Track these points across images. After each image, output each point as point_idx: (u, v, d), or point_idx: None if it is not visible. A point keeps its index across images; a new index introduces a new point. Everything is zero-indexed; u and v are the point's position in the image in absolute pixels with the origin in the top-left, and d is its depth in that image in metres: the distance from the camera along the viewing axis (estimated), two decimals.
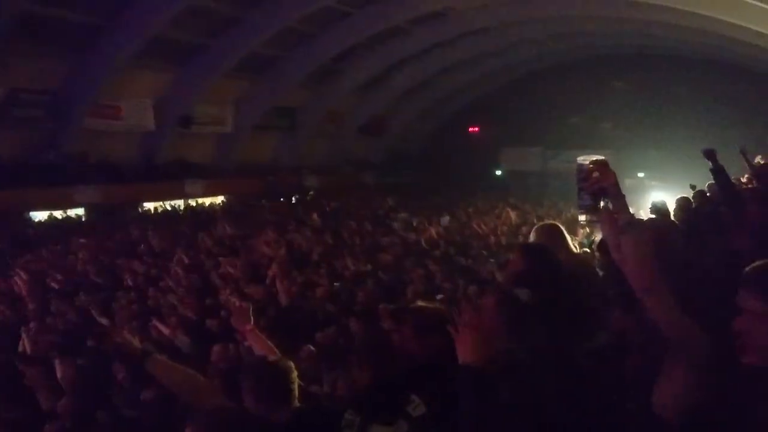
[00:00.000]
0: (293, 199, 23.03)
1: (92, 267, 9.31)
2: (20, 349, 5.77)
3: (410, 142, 33.04)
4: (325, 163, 27.93)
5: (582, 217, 1.78)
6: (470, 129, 32.18)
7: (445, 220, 14.57)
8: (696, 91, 25.59)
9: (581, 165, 1.73)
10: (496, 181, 29.44)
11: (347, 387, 3.78)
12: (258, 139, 24.70)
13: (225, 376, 4.06)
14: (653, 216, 7.48)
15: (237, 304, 3.10)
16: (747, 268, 1.48)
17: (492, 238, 11.11)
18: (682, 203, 7.41)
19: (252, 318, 2.91)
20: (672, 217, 7.04)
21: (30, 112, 17.30)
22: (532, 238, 3.61)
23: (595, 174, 1.67)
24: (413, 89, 27.46)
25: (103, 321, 6.10)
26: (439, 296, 6.39)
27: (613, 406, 1.95)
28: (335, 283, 7.74)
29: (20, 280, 8.37)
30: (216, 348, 4.96)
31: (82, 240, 12.30)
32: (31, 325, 6.29)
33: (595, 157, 1.73)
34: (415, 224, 13.66)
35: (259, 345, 2.83)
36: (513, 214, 14.20)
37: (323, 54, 21.81)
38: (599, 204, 1.67)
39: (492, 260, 8.44)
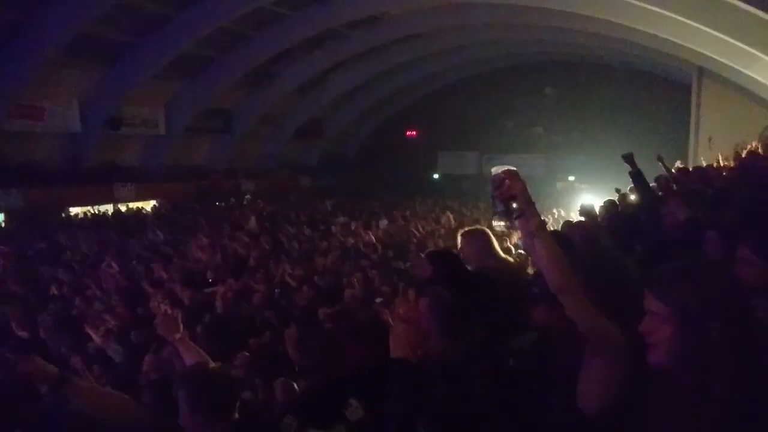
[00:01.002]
0: (228, 203, 22.59)
1: (13, 276, 8.86)
2: None
3: (347, 145, 33.07)
4: (261, 166, 27.55)
5: (496, 224, 1.90)
6: (408, 133, 32.55)
7: (383, 223, 14.69)
8: (620, 98, 26.83)
9: (495, 175, 1.85)
10: (433, 185, 29.86)
11: (284, 393, 3.76)
12: (191, 142, 24.12)
13: (157, 387, 3.96)
14: (582, 218, 7.82)
15: (166, 311, 2.93)
16: (653, 271, 1.57)
17: (430, 241, 11.28)
18: (608, 206, 7.79)
19: (181, 326, 2.77)
20: (599, 219, 7.39)
21: None
22: (459, 243, 3.71)
23: (507, 182, 1.78)
24: (350, 92, 27.53)
25: (23, 334, 5.82)
26: (378, 300, 6.44)
27: (538, 402, 2.03)
28: (276, 290, 7.67)
29: None
30: (147, 358, 4.82)
31: (1, 247, 11.66)
32: None
33: (506, 167, 1.85)
34: (353, 228, 13.69)
35: (190, 354, 2.70)
36: (451, 218, 14.46)
37: (258, 56, 21.52)
38: (511, 210, 1.79)
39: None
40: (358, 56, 24.17)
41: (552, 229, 5.78)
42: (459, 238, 3.74)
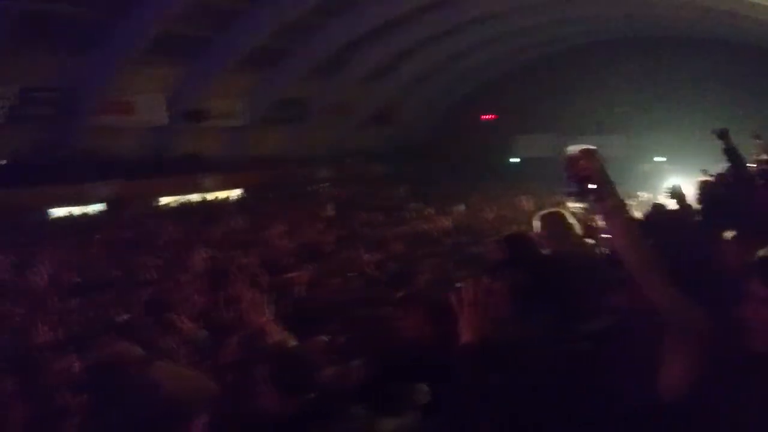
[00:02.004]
0: (304, 191, 23.06)
1: (108, 262, 9.42)
2: (36, 343, 5.85)
3: (420, 130, 32.93)
4: (335, 155, 27.95)
5: (571, 204, 1.84)
6: (482, 116, 31.99)
7: (459, 208, 14.55)
8: (707, 72, 25.26)
9: (570, 154, 1.77)
10: (509, 169, 29.28)
11: (356, 376, 3.80)
12: (267, 132, 24.77)
13: (237, 368, 4.10)
14: (670, 200, 7.44)
15: (253, 295, 3.05)
16: (756, 254, 1.47)
17: (506, 226, 11.07)
18: (699, 187, 7.32)
19: (267, 310, 2.87)
20: (691, 201, 6.99)
21: (42, 110, 17.50)
22: (535, 225, 3.63)
23: (582, 162, 1.70)
24: (422, 77, 27.34)
25: (118, 318, 6.17)
26: (458, 285, 6.39)
27: (611, 388, 1.96)
28: (351, 275, 7.76)
29: (39, 276, 8.50)
30: (230, 339, 5.00)
31: (97, 236, 12.44)
32: (50, 319, 6.37)
33: (583, 146, 1.76)
34: (426, 214, 13.65)
35: (274, 336, 2.77)
36: (528, 202, 14.14)
37: (331, 44, 21.76)
38: (586, 191, 1.71)
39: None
40: (430, 40, 23.94)
41: (636, 211, 5.54)
42: (536, 221, 3.66)
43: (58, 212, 17.91)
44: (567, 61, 28.77)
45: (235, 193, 22.63)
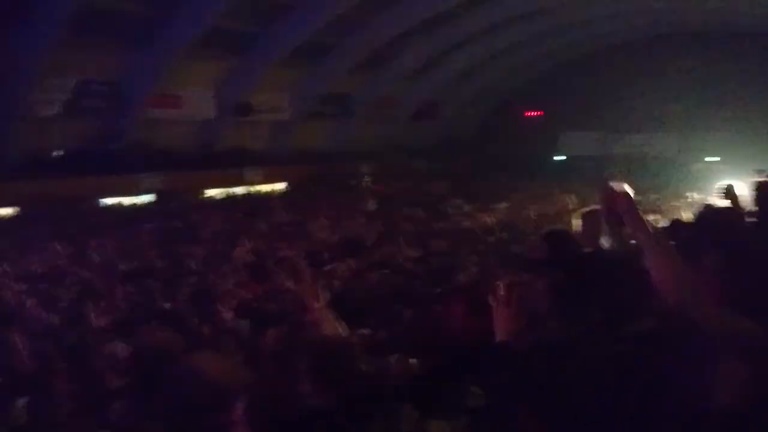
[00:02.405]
0: (347, 185, 23.20)
1: (156, 251, 9.69)
2: (87, 327, 6.06)
3: (464, 126, 32.69)
4: (378, 150, 28.00)
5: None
6: (527, 113, 31.55)
7: (501, 206, 14.42)
8: (763, 70, 24.21)
9: (604, 192, 1.74)
10: (554, 167, 28.80)
11: (399, 369, 3.80)
12: (312, 126, 24.98)
13: (279, 358, 4.16)
14: (722, 201, 7.15)
15: (310, 281, 3.02)
16: None
17: (549, 225, 10.91)
18: (756, 187, 6.94)
19: (322, 297, 2.81)
20: (746, 202, 6.69)
21: (96, 102, 18.11)
22: (576, 223, 3.55)
23: (614, 199, 1.67)
24: (467, 72, 27.11)
25: (163, 305, 6.33)
26: (498, 283, 6.34)
27: (653, 392, 1.89)
28: (384, 271, 7.78)
29: (90, 263, 8.81)
30: (271, 331, 5.07)
31: (147, 225, 12.82)
32: (100, 305, 6.59)
33: (617, 184, 1.73)
34: (469, 210, 13.57)
35: (327, 324, 2.73)
36: (572, 200, 13.90)
37: (376, 40, 21.80)
38: (619, 229, 1.70)
39: None
40: (476, 35, 23.71)
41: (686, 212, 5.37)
42: (578, 219, 3.59)
43: (110, 202, 18.50)
44: (615, 57, 28.03)
45: (278, 187, 22.94)
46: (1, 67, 15.35)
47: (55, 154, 17.99)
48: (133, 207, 18.13)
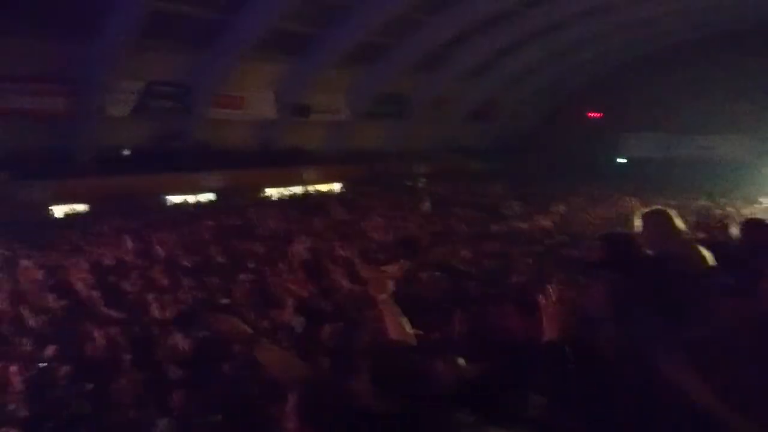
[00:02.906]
0: (402, 185, 23.26)
1: (216, 248, 9.97)
2: (151, 317, 6.32)
3: (522, 127, 32.22)
4: (434, 150, 27.94)
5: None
6: (588, 114, 30.79)
7: (559, 208, 14.15)
8: None
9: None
10: (615, 169, 28.01)
11: (448, 370, 3.80)
12: (368, 127, 25.18)
13: (334, 356, 4.25)
14: None
15: (379, 272, 3.00)
16: None
17: (609, 229, 10.63)
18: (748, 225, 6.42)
19: (389, 289, 2.78)
20: None
21: (163, 103, 18.86)
22: (637, 224, 3.46)
23: None
24: (526, 72, 26.71)
25: (222, 300, 6.52)
26: (547, 285, 6.26)
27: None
28: (437, 273, 7.76)
29: (154, 257, 9.17)
30: (326, 328, 5.16)
31: (209, 222, 13.21)
32: (163, 298, 6.87)
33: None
34: (525, 212, 13.38)
35: (391, 318, 2.72)
36: (634, 204, 13.50)
37: (433, 40, 21.74)
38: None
39: None
40: (535, 34, 23.31)
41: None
42: (640, 220, 3.49)
43: (173, 199, 19.18)
44: (679, 56, 26.92)
45: (334, 186, 23.25)
46: (80, 71, 16.22)
47: (123, 152, 18.83)
48: (195, 204, 18.73)
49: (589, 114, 30.72)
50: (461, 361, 4.06)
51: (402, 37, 21.70)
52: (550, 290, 2.28)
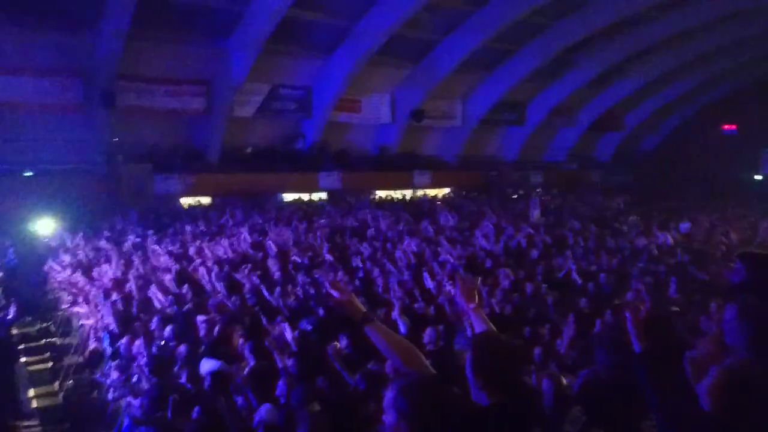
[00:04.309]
0: (516, 194, 22.78)
1: (328, 246, 10.29)
2: (263, 308, 6.63)
3: (647, 138, 30.46)
4: (551, 159, 27.09)
5: None
6: (725, 127, 28.52)
7: (684, 227, 13.22)
8: None
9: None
10: (752, 187, 25.71)
11: (550, 387, 3.68)
12: (483, 133, 24.90)
13: (436, 356, 4.24)
14: None
15: (470, 280, 2.98)
16: None
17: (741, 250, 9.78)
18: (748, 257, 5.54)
19: (478, 298, 2.78)
20: None
21: (285, 105, 19.81)
22: None
23: None
24: (654, 81, 25.10)
25: (332, 293, 6.70)
26: (673, 308, 5.93)
27: None
28: (544, 285, 7.53)
29: (269, 251, 9.63)
30: (429, 330, 5.17)
31: (321, 221, 13.65)
32: (275, 291, 7.19)
33: None
34: (645, 228, 12.64)
35: (480, 324, 2.69)
36: None
37: (556, 46, 21.06)
38: None
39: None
40: (666, 41, 21.87)
41: None
42: None
43: (291, 197, 20.05)
44: None
45: (446, 191, 23.22)
46: (214, 73, 17.44)
47: (246, 151, 19.96)
48: (311, 203, 19.45)
49: (724, 127, 28.45)
50: (559, 376, 3.91)
51: (522, 44, 21.26)
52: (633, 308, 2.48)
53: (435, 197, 21.82)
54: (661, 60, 23.30)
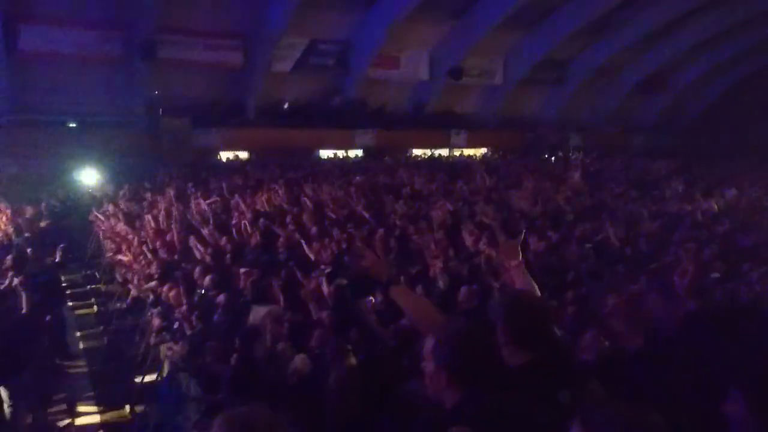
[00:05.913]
0: (555, 155, 22.35)
1: (363, 203, 10.31)
2: (298, 261, 6.72)
3: (693, 102, 29.32)
4: (592, 121, 26.39)
5: None
6: None
7: (730, 193, 12.84)
8: None
9: None
10: None
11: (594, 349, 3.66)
12: (523, 93, 24.33)
13: (471, 315, 4.26)
14: None
15: (511, 240, 2.95)
16: None
17: None
18: None
19: (520, 255, 2.74)
20: None
21: (323, 60, 19.65)
22: None
23: None
24: (703, 43, 23.99)
25: (364, 251, 6.74)
26: (714, 275, 5.83)
27: None
28: (582, 247, 7.42)
29: (306, 208, 9.71)
30: (463, 289, 5.17)
31: (357, 178, 13.66)
32: (312, 245, 7.27)
33: None
34: (688, 194, 12.31)
35: (522, 282, 2.66)
36: None
37: (602, 3, 20.25)
38: None
39: None
40: (714, 2, 20.77)
41: None
42: None
43: (327, 153, 20.08)
44: None
45: (482, 151, 22.93)
46: (254, 26, 17.35)
47: (284, 106, 19.97)
48: (346, 160, 19.45)
49: None
50: (599, 338, 3.88)
51: (567, 0, 20.50)
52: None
53: (473, 157, 21.56)
54: (710, 19, 22.22)
